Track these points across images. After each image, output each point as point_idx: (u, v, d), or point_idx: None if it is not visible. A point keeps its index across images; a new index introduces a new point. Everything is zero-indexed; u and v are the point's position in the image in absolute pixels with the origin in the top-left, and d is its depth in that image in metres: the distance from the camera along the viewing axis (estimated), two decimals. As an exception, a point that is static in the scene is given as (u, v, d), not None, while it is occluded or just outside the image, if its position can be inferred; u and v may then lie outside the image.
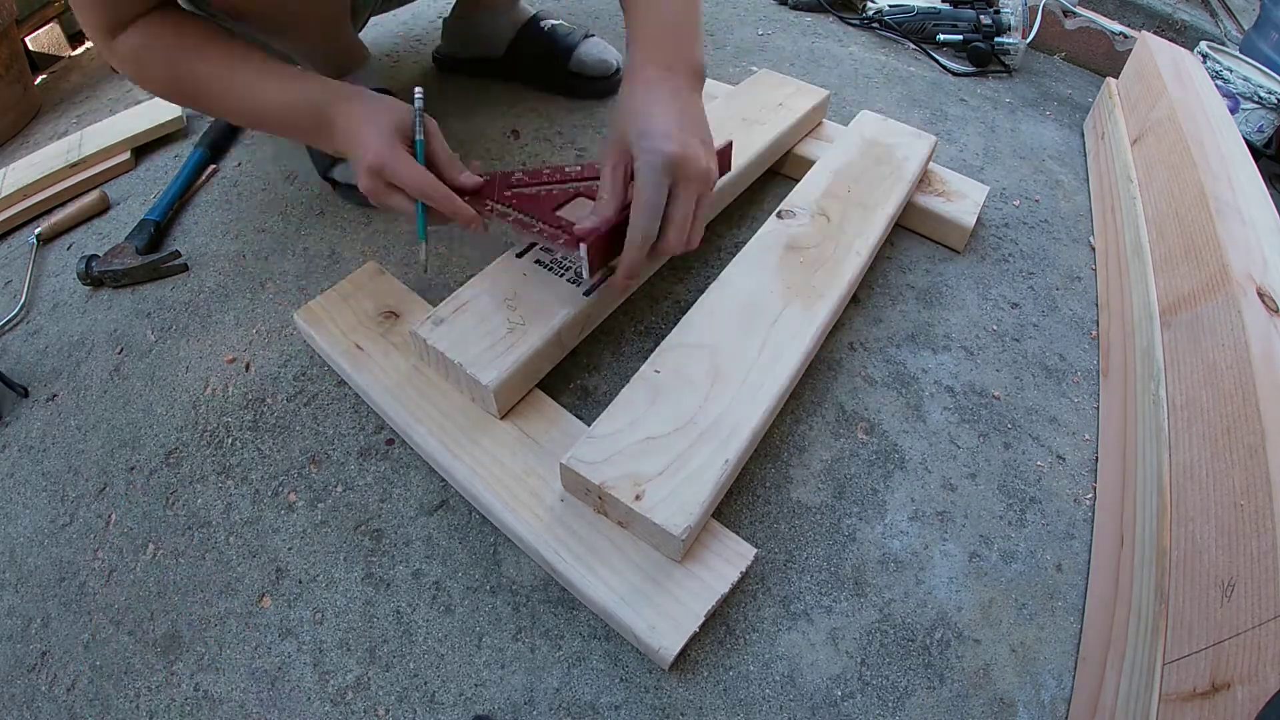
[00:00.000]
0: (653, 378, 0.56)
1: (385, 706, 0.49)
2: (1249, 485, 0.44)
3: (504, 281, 0.63)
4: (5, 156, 1.02)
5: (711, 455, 0.52)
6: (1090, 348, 0.75)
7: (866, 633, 0.53)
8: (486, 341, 0.58)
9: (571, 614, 0.53)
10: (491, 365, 0.56)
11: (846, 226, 0.71)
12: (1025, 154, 1.03)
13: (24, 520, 0.60)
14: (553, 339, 0.59)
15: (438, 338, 0.58)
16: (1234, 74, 1.08)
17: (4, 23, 1.04)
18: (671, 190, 0.54)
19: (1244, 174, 0.73)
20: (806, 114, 0.86)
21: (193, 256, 0.79)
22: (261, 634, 0.52)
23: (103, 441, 0.64)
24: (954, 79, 1.21)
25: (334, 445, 0.62)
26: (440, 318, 0.59)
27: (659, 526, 0.48)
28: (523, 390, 0.60)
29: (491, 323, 0.59)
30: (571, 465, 0.51)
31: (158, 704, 0.49)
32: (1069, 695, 0.51)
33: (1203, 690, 0.39)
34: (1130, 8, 1.39)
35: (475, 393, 0.58)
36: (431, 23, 1.21)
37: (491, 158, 0.91)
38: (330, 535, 0.57)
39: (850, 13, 1.38)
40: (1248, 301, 0.55)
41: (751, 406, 0.55)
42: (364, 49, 0.85)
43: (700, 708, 0.49)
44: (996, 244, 0.85)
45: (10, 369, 0.70)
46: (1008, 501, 0.61)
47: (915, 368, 0.70)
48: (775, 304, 0.63)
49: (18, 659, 0.52)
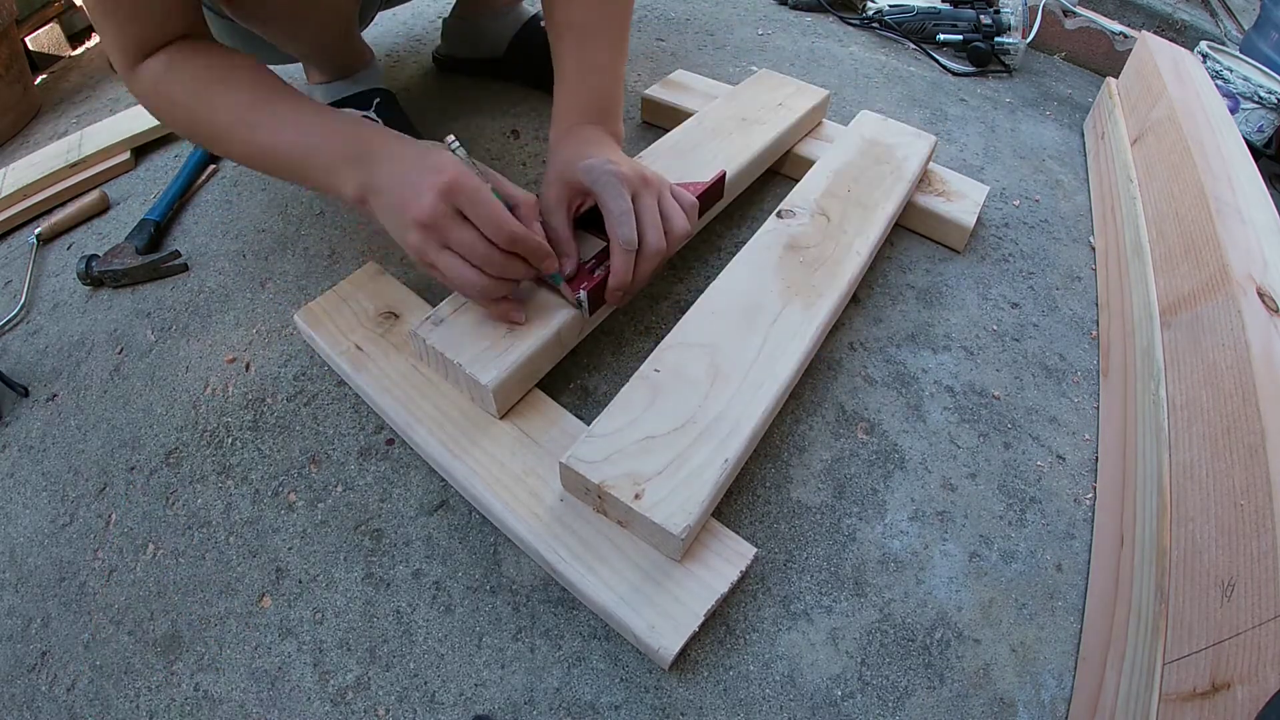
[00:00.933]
0: (652, 377, 0.56)
1: (385, 706, 0.49)
2: (1249, 485, 0.44)
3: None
4: (5, 156, 1.02)
5: (711, 454, 0.52)
6: (1090, 348, 0.75)
7: (866, 633, 0.53)
8: (486, 341, 0.57)
9: (571, 614, 0.53)
10: (491, 365, 0.56)
11: (846, 226, 0.71)
12: (1025, 154, 1.03)
13: (24, 520, 0.60)
14: (552, 339, 0.59)
15: (437, 338, 0.58)
16: (1234, 74, 1.08)
17: (4, 23, 1.04)
18: (633, 198, 0.56)
19: (1244, 174, 0.73)
20: (806, 114, 0.87)
21: (193, 256, 0.79)
22: (261, 634, 0.52)
23: (103, 441, 0.64)
24: (954, 79, 1.21)
25: (334, 445, 0.62)
26: (440, 318, 0.59)
27: (659, 526, 0.48)
28: (522, 390, 0.60)
29: (491, 322, 0.59)
30: (571, 464, 0.51)
31: (158, 704, 0.49)
32: (1069, 695, 0.51)
33: (1203, 690, 0.39)
34: (1130, 8, 1.39)
35: (475, 393, 0.58)
36: (431, 22, 1.21)
37: (491, 158, 0.91)
38: (330, 535, 0.57)
39: (850, 13, 1.38)
40: (1248, 301, 0.55)
41: (751, 405, 0.55)
42: (368, 49, 0.85)
43: (700, 708, 0.49)
44: (996, 244, 0.85)
45: (10, 369, 0.70)
46: (1008, 501, 0.61)
47: (915, 367, 0.70)
48: (775, 303, 0.63)
49: (18, 659, 0.52)
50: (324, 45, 0.76)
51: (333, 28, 0.74)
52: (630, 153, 0.68)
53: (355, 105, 0.79)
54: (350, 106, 0.79)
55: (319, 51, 0.78)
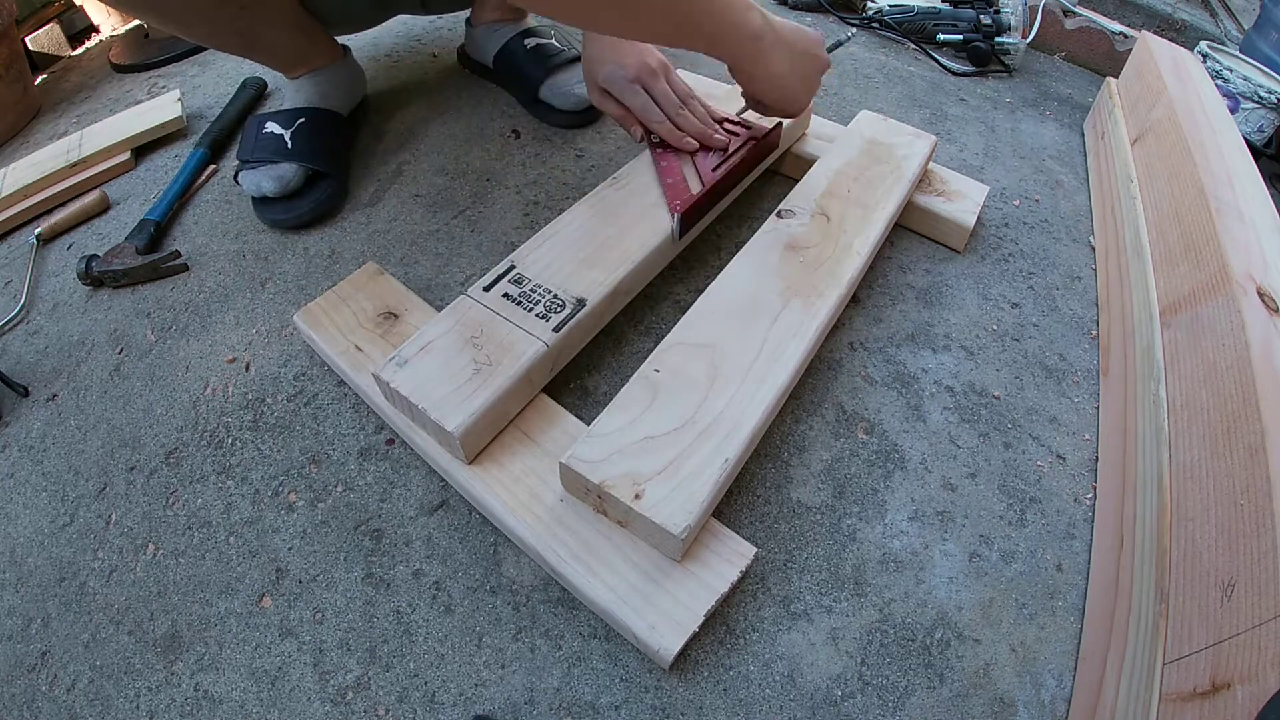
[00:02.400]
0: (652, 377, 0.56)
1: (385, 706, 0.49)
2: (1249, 485, 0.44)
3: (470, 318, 0.59)
4: (5, 156, 1.02)
5: (711, 454, 0.52)
6: (1090, 347, 0.75)
7: (866, 632, 0.53)
8: (450, 385, 0.54)
9: (571, 614, 0.53)
10: (457, 410, 0.53)
11: (846, 226, 0.71)
12: (1025, 154, 1.03)
13: (24, 520, 0.60)
14: (522, 379, 0.56)
15: (401, 380, 0.55)
16: (1234, 74, 1.08)
17: (4, 23, 1.04)
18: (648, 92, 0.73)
19: (1244, 174, 0.73)
20: None
21: (193, 256, 0.79)
22: (261, 634, 0.52)
23: (103, 441, 0.64)
24: (954, 79, 1.21)
25: (334, 445, 0.62)
26: (404, 359, 0.56)
27: (658, 526, 0.48)
28: (492, 433, 0.57)
29: (456, 364, 0.56)
30: (571, 464, 0.51)
31: (158, 704, 0.49)
32: (1069, 695, 0.51)
33: (1203, 690, 0.39)
34: (1130, 8, 1.39)
35: (441, 438, 0.55)
36: (431, 23, 1.21)
37: (491, 158, 0.91)
38: (330, 535, 0.57)
39: (850, 13, 1.38)
40: (1248, 301, 0.55)
41: (751, 405, 0.55)
42: (337, 48, 0.86)
43: (700, 708, 0.49)
44: (996, 244, 0.85)
45: (10, 369, 0.70)
46: (1008, 501, 0.61)
47: (915, 367, 0.70)
48: (775, 303, 0.63)
49: (18, 659, 0.52)
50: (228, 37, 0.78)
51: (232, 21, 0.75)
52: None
53: (279, 123, 0.81)
54: (275, 123, 0.81)
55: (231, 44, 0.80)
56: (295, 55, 0.84)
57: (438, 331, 0.58)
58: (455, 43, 1.12)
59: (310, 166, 0.80)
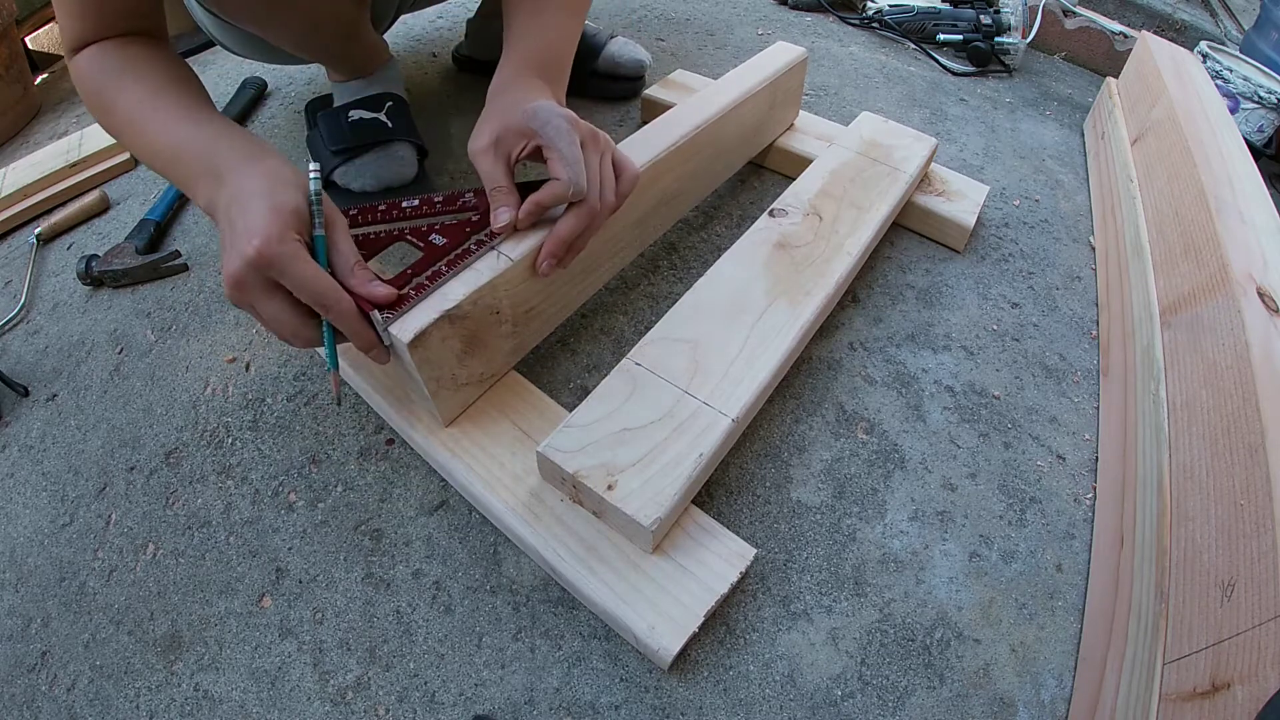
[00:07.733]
0: (633, 370, 0.56)
1: (385, 706, 0.49)
2: (1249, 485, 0.44)
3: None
4: (5, 156, 1.02)
5: (687, 448, 0.52)
6: (1090, 347, 0.75)
7: (866, 632, 0.53)
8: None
9: (571, 614, 0.53)
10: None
11: (839, 226, 0.71)
12: (1025, 154, 1.03)
13: (24, 520, 0.60)
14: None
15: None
16: (1234, 74, 1.08)
17: (4, 23, 1.04)
18: (582, 148, 0.52)
19: (1244, 174, 0.73)
20: (779, 75, 0.81)
21: (193, 256, 0.79)
22: (261, 634, 0.52)
23: (103, 441, 0.64)
24: (954, 79, 1.21)
25: (334, 445, 0.62)
26: None
27: (629, 517, 0.48)
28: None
29: None
30: (546, 453, 0.51)
31: (158, 704, 0.49)
32: (1069, 695, 0.51)
33: (1203, 690, 0.39)
34: (1130, 8, 1.39)
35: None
36: (431, 22, 1.21)
37: (491, 158, 0.91)
38: (330, 535, 0.57)
39: (850, 13, 1.38)
40: (1248, 301, 0.55)
41: (730, 401, 0.55)
42: (384, 48, 0.85)
43: (700, 708, 0.49)
44: (996, 244, 0.85)
45: (10, 369, 0.70)
46: (1008, 501, 0.61)
47: (915, 368, 0.70)
48: (761, 300, 0.63)
49: (18, 659, 0.52)
50: (326, 47, 0.76)
51: (333, 31, 0.74)
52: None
53: (366, 108, 0.79)
54: (361, 109, 0.79)
55: (323, 54, 0.78)
56: (370, 54, 0.83)
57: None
58: (455, 42, 1.12)
59: (417, 142, 0.79)
